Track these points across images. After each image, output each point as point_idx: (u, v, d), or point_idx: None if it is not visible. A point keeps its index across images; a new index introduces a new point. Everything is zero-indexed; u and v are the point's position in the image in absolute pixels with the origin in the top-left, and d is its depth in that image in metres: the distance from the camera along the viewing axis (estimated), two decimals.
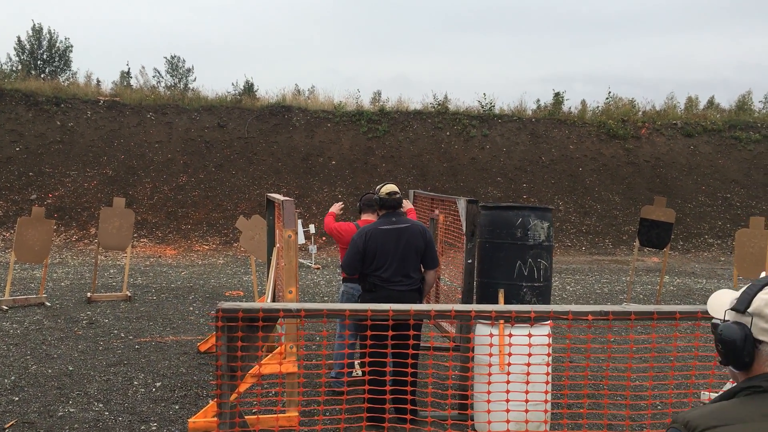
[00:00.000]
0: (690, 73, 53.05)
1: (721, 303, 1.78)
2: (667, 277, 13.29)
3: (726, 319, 1.70)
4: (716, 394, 5.95)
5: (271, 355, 5.62)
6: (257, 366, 3.85)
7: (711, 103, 26.94)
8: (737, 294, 1.72)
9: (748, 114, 24.33)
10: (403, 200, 5.70)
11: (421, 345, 6.10)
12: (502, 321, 4.48)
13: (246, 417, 4.53)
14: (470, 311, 3.55)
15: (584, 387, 4.68)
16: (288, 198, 5.52)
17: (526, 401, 3.68)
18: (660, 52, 62.50)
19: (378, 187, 5.37)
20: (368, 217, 6.13)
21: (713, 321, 1.77)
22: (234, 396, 5.30)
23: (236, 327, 2.55)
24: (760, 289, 1.65)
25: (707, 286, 12.67)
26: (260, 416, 4.78)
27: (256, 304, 2.57)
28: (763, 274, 5.60)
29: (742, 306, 1.65)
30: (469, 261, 5.54)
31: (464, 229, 5.55)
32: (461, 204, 5.65)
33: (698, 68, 55.54)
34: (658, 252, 16.64)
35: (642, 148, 21.71)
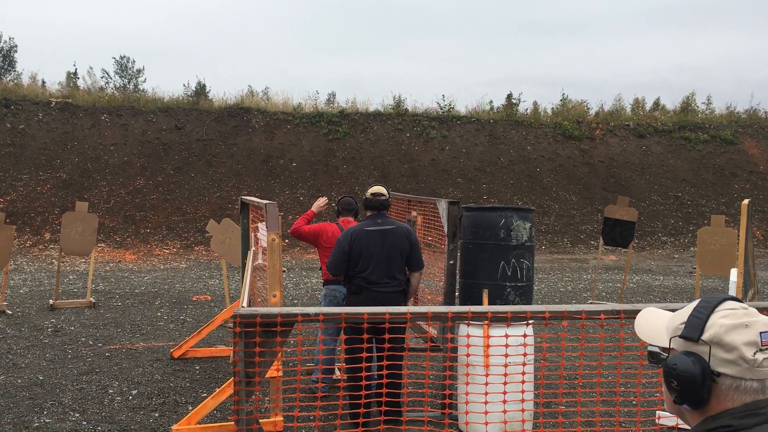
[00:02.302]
0: (632, 76, 54.51)
1: (656, 327, 1.50)
2: None
3: (671, 347, 1.43)
4: None
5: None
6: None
7: (657, 104, 27.70)
8: (677, 315, 1.45)
9: (693, 115, 25.13)
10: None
11: (414, 346, 6.13)
12: (487, 322, 4.54)
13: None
14: (467, 312, 3.59)
15: (577, 386, 4.78)
16: (271, 201, 5.47)
17: (522, 400, 3.74)
18: (602, 55, 64.08)
19: (368, 189, 5.40)
20: (346, 219, 6.15)
21: (650, 349, 1.47)
22: (216, 400, 5.22)
23: (254, 333, 2.52)
24: (712, 312, 1.38)
25: (665, 283, 13.03)
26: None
27: (274, 310, 2.55)
28: (733, 271, 5.78)
29: (694, 333, 1.37)
30: (451, 262, 5.59)
31: (446, 230, 5.60)
32: (442, 205, 5.69)
33: (639, 71, 57.06)
34: (615, 250, 17.05)
35: (596, 149, 22.20)
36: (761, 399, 1.34)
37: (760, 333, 1.35)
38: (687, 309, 1.44)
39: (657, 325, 1.49)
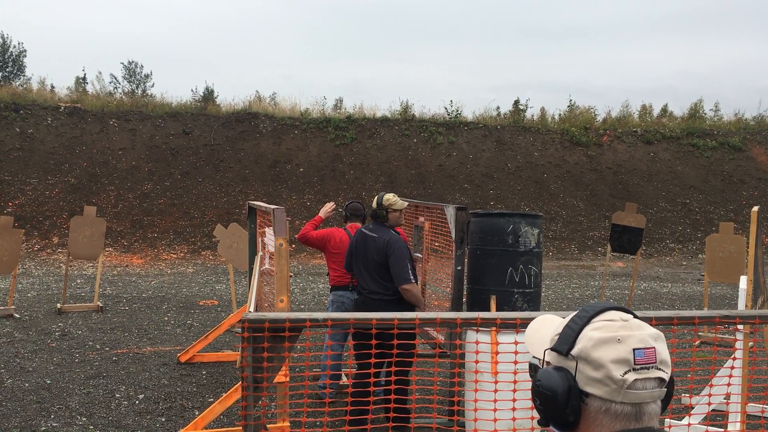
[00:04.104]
0: (639, 82, 54.51)
1: (543, 336, 1.32)
2: None
3: (546, 360, 1.27)
4: (698, 398, 5.91)
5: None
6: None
7: (665, 111, 27.62)
8: (559, 324, 1.30)
9: (701, 121, 25.04)
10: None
11: (422, 352, 6.12)
12: (495, 328, 4.52)
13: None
14: (476, 318, 3.57)
15: None
16: (278, 206, 5.47)
17: (532, 408, 3.72)
18: (609, 61, 64.10)
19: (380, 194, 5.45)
20: (354, 224, 6.16)
21: (531, 361, 1.33)
22: (221, 407, 5.22)
23: (262, 338, 2.51)
24: (587, 323, 1.24)
25: (673, 290, 12.97)
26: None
27: (282, 315, 2.54)
28: (743, 279, 5.73)
29: (564, 346, 1.23)
30: (459, 268, 5.57)
31: (453, 236, 5.58)
32: (450, 211, 5.67)
33: (646, 77, 57.07)
34: (623, 257, 16.99)
35: (604, 155, 22.15)
36: (632, 428, 1.18)
37: (634, 350, 1.19)
38: (567, 318, 1.29)
39: (544, 334, 1.32)
